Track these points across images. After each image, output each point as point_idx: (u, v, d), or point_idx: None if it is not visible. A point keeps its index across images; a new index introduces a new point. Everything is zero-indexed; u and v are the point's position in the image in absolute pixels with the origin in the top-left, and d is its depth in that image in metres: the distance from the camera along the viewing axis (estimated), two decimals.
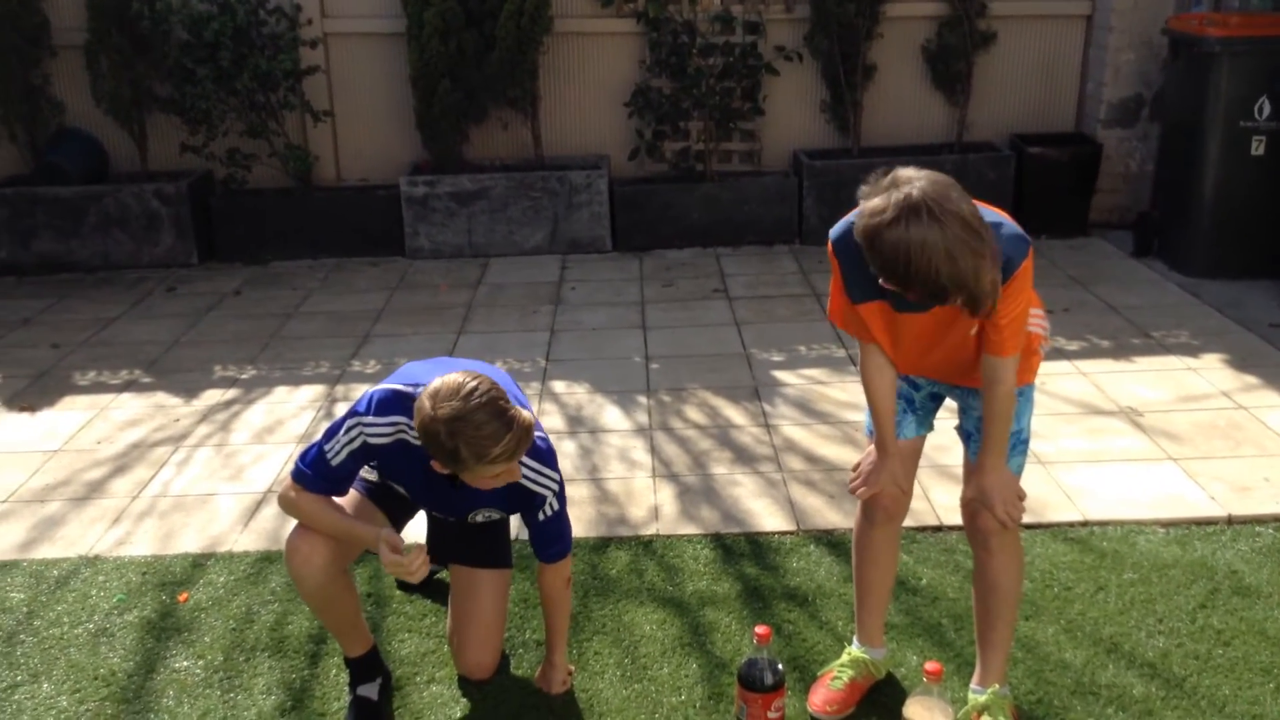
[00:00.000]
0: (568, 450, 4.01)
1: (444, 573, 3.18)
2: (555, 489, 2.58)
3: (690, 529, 3.50)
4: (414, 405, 2.34)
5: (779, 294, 5.66)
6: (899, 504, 2.64)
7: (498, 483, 2.41)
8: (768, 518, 3.55)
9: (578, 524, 3.50)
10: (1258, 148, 5.45)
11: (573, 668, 2.83)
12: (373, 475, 2.75)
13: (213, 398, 4.58)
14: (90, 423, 4.36)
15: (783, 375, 4.64)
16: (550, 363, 4.86)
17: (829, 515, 3.54)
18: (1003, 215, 2.26)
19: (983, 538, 2.52)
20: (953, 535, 3.39)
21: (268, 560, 3.37)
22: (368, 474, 2.74)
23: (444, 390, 2.28)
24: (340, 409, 4.28)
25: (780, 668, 2.52)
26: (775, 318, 5.33)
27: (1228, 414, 4.16)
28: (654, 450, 4.02)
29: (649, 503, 3.66)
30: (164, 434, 4.25)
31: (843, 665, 2.74)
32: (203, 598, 3.21)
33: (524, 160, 6.60)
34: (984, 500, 2.46)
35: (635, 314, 5.45)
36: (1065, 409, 4.24)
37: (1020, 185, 6.37)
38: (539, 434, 2.58)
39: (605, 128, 6.69)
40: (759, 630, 2.49)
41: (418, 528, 3.06)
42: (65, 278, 6.21)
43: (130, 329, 5.43)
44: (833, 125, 6.69)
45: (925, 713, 2.40)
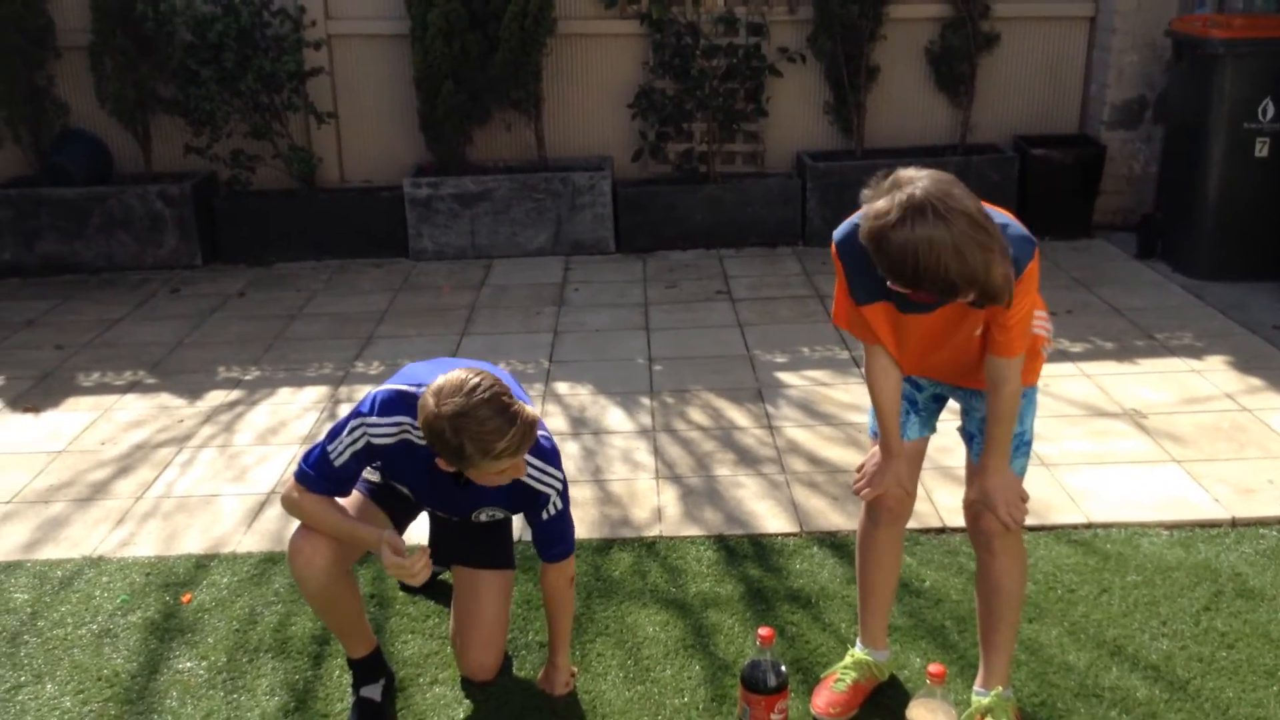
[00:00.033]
0: (571, 452, 4.01)
1: (447, 574, 3.18)
2: (559, 488, 2.58)
3: (693, 531, 3.50)
4: (417, 404, 2.35)
5: (782, 295, 5.66)
6: (903, 505, 2.64)
7: (503, 479, 2.41)
8: (771, 519, 3.55)
9: (581, 525, 3.50)
10: (1261, 149, 5.44)
11: (576, 669, 2.83)
12: (375, 476, 2.75)
13: (216, 399, 4.58)
14: (94, 424, 4.37)
15: (786, 377, 4.64)
16: (553, 364, 4.86)
17: (832, 517, 3.54)
18: (1008, 216, 2.26)
19: (985, 539, 2.52)
20: (956, 537, 3.39)
21: (271, 561, 3.37)
22: (370, 475, 2.75)
23: (448, 387, 2.29)
24: (344, 410, 4.28)
25: (783, 669, 2.52)
26: (778, 319, 5.33)
27: (1231, 416, 4.16)
28: (657, 452, 4.02)
29: (652, 504, 3.66)
30: (168, 435, 4.26)
31: (846, 667, 2.74)
32: (206, 599, 3.21)
33: (527, 162, 6.60)
34: (987, 502, 2.45)
35: (638, 315, 5.45)
36: (1069, 411, 4.24)
37: (1024, 187, 6.36)
38: (542, 433, 2.58)
39: (608, 129, 6.69)
40: (762, 632, 2.49)
41: (420, 529, 3.07)
42: (69, 279, 6.22)
43: (134, 330, 5.43)
44: (836, 127, 6.69)
45: (928, 715, 2.40)
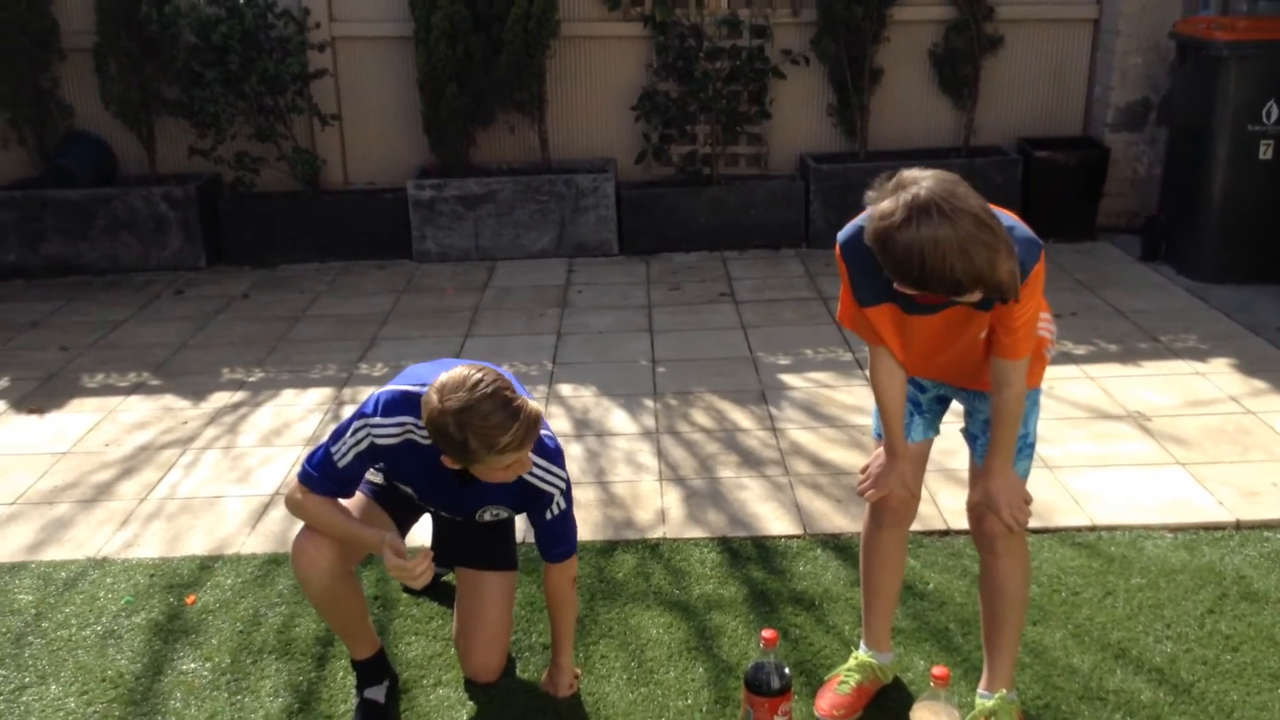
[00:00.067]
0: (574, 453, 4.01)
1: (450, 576, 3.18)
2: (562, 487, 2.59)
3: (697, 532, 3.50)
4: (420, 403, 2.35)
5: (785, 298, 5.66)
6: (908, 506, 2.64)
7: (508, 475, 2.41)
8: (774, 521, 3.54)
9: (584, 527, 3.50)
10: (1266, 151, 5.44)
11: (579, 671, 2.83)
12: (378, 478, 2.75)
13: (220, 400, 4.59)
14: (98, 425, 4.38)
15: (789, 379, 4.64)
16: (557, 366, 4.86)
17: (836, 519, 3.54)
18: (1014, 218, 2.26)
19: (989, 541, 2.52)
20: (960, 540, 3.39)
21: (275, 562, 3.37)
22: (373, 477, 2.75)
23: (450, 384, 2.30)
24: (347, 412, 4.28)
25: (787, 672, 2.52)
26: (782, 321, 5.33)
27: (1236, 419, 4.15)
28: (661, 453, 4.02)
29: (656, 506, 3.66)
30: (172, 436, 4.26)
31: (850, 669, 2.73)
32: (210, 600, 3.21)
33: (531, 164, 6.61)
34: (990, 504, 2.45)
35: (642, 317, 5.45)
36: (1073, 413, 4.24)
37: (1027, 189, 6.36)
38: (546, 433, 2.59)
39: (612, 131, 6.70)
40: (766, 634, 2.48)
41: (423, 531, 3.07)
42: (74, 280, 6.23)
43: (138, 332, 5.44)
44: (839, 129, 6.69)
45: (932, 717, 2.40)
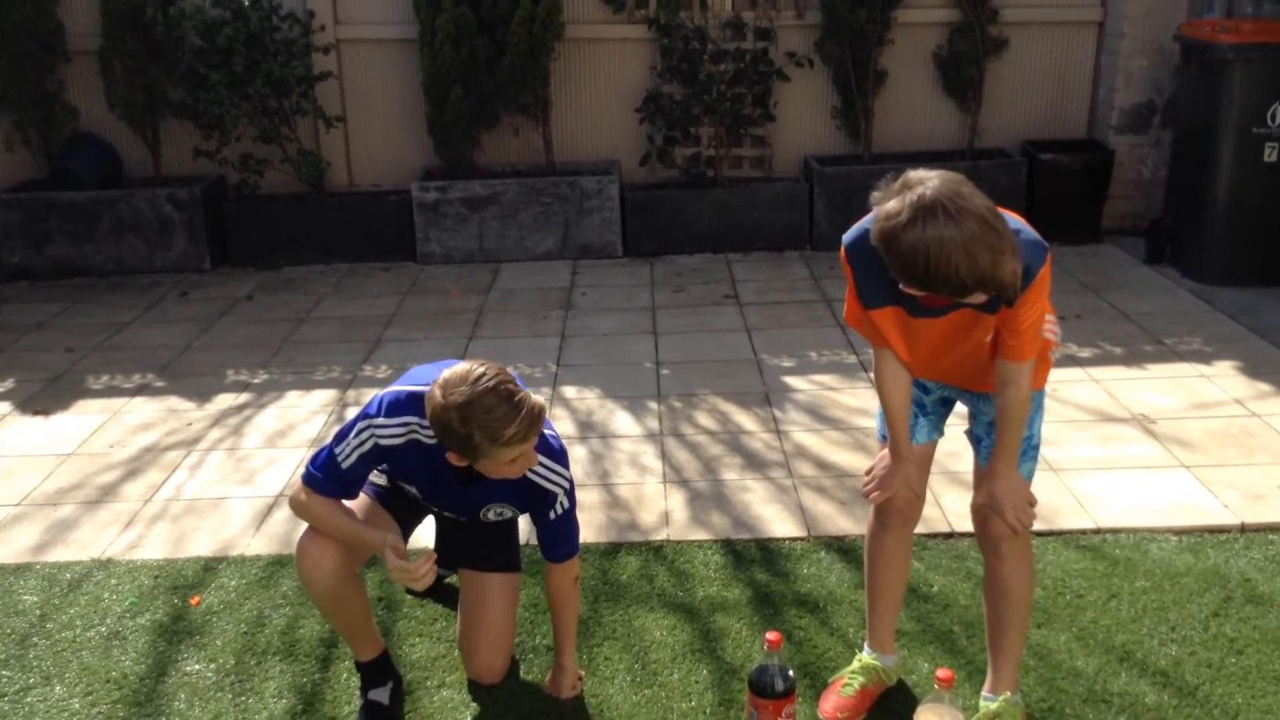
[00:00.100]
0: (578, 455, 4.01)
1: (454, 577, 3.18)
2: (566, 487, 2.59)
3: (701, 535, 3.50)
4: (424, 399, 2.36)
5: (790, 300, 5.66)
6: (913, 508, 2.64)
7: (514, 470, 2.41)
8: (778, 524, 3.54)
9: (588, 529, 3.50)
10: (1270, 154, 5.43)
11: (583, 673, 2.83)
12: (382, 480, 2.76)
13: (225, 402, 4.59)
14: (103, 426, 4.38)
15: (793, 381, 4.64)
16: (561, 368, 4.86)
17: (840, 521, 3.54)
18: (1020, 221, 2.25)
19: (993, 543, 2.52)
20: (964, 542, 3.38)
21: (279, 564, 3.38)
22: (377, 479, 2.76)
23: (453, 379, 2.31)
24: (352, 413, 4.27)
25: (791, 674, 2.52)
26: (786, 323, 5.33)
27: (1241, 421, 4.15)
28: (664, 456, 4.02)
29: (659, 508, 3.66)
30: (176, 438, 4.27)
31: (854, 672, 2.73)
32: (214, 601, 3.22)
33: (535, 166, 6.61)
34: (995, 506, 2.45)
35: (646, 319, 5.45)
36: (1077, 416, 4.23)
37: (1032, 192, 6.35)
38: (550, 433, 2.60)
39: (616, 133, 6.70)
40: (770, 636, 2.48)
41: (427, 533, 3.07)
42: (79, 282, 6.24)
43: (143, 333, 5.45)
44: (844, 131, 6.69)
45: None
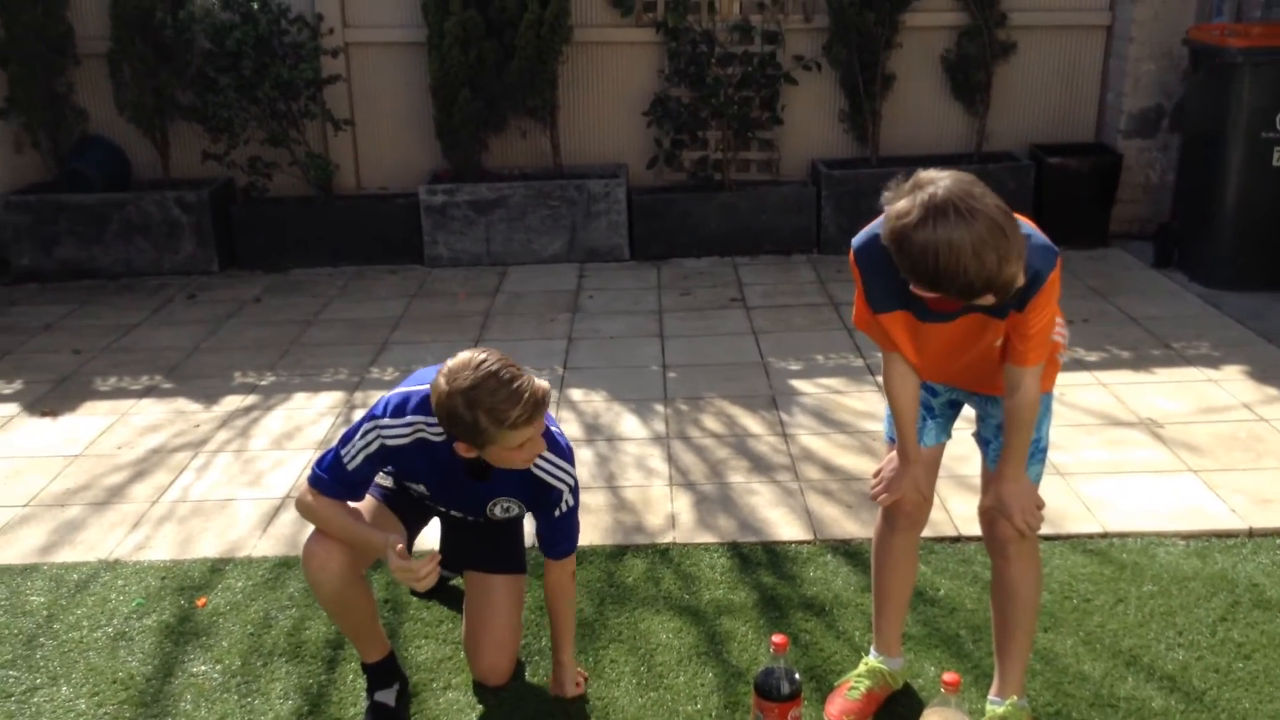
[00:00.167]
0: (585, 458, 4.01)
1: (459, 579, 3.18)
2: (571, 484, 2.60)
3: (707, 538, 3.49)
4: (429, 390, 2.38)
5: (797, 303, 5.66)
6: (920, 510, 2.64)
7: (522, 455, 2.42)
8: (785, 527, 3.54)
9: (594, 531, 3.51)
10: (1279, 158, 5.42)
11: (585, 673, 2.83)
12: (388, 481, 2.77)
13: (232, 404, 4.60)
14: (111, 428, 4.39)
15: (800, 384, 4.63)
16: (568, 371, 4.87)
17: (846, 525, 3.53)
18: (1031, 225, 2.25)
19: (1001, 546, 2.52)
20: (971, 546, 3.38)
21: (286, 565, 3.38)
22: (384, 480, 2.77)
23: (457, 365, 2.35)
24: (359, 415, 4.28)
25: (797, 677, 2.52)
26: (793, 327, 5.33)
27: (1248, 426, 4.13)
28: (671, 459, 4.02)
29: (666, 511, 3.66)
30: (184, 439, 4.28)
31: (860, 675, 2.73)
32: (221, 602, 3.22)
33: (542, 169, 6.62)
34: (1002, 509, 2.45)
35: (653, 323, 5.45)
36: (1085, 420, 4.22)
37: (1040, 195, 6.34)
38: (557, 430, 2.60)
39: (624, 137, 6.70)
40: (776, 639, 2.48)
41: (432, 536, 3.07)
42: (87, 284, 6.25)
43: (151, 335, 5.46)
44: (851, 135, 6.69)
45: None
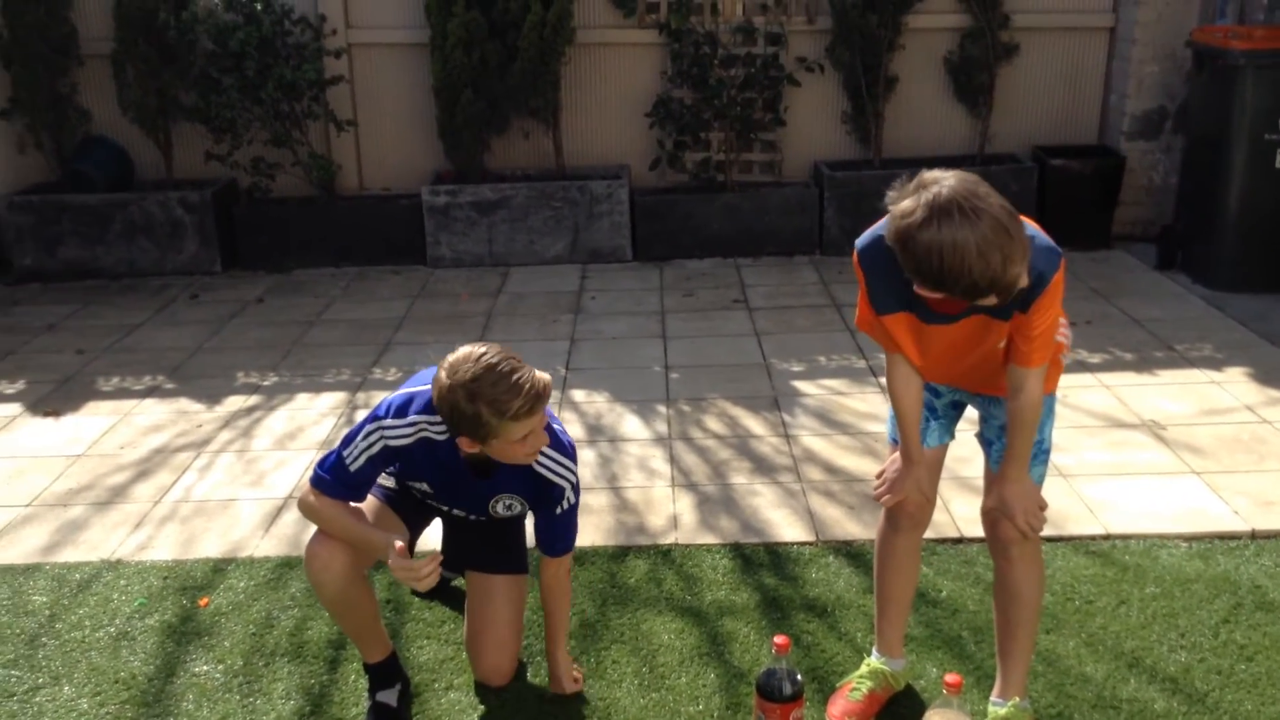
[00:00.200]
0: (587, 458, 4.01)
1: (460, 580, 3.19)
2: (573, 482, 2.60)
3: (709, 538, 3.49)
4: (431, 385, 2.38)
5: (799, 304, 5.66)
6: (924, 511, 2.64)
7: (525, 449, 2.42)
8: (787, 528, 3.54)
9: (596, 532, 3.51)
10: None
11: (581, 669, 2.84)
12: (390, 482, 2.77)
13: (235, 404, 4.60)
14: (113, 428, 4.39)
15: (802, 385, 4.63)
16: (570, 372, 4.87)
17: (848, 526, 3.53)
18: (1035, 227, 2.25)
19: (1003, 547, 2.51)
20: (973, 547, 3.37)
21: (288, 566, 3.38)
22: (386, 481, 2.77)
23: (457, 359, 2.36)
24: (361, 416, 4.28)
25: (799, 678, 2.52)
26: (795, 328, 5.33)
27: (1251, 428, 4.13)
28: (673, 459, 4.02)
29: (668, 512, 3.66)
30: (186, 440, 4.28)
31: (862, 676, 2.73)
32: (223, 602, 3.22)
33: (545, 170, 6.62)
34: (1005, 509, 2.45)
35: (655, 324, 5.45)
36: (1087, 422, 4.22)
37: (1043, 197, 6.34)
38: (559, 428, 2.61)
39: (626, 138, 6.71)
40: (778, 640, 2.48)
41: (434, 537, 3.07)
42: (90, 284, 6.26)
43: (154, 335, 5.47)
44: (854, 136, 6.69)
45: None
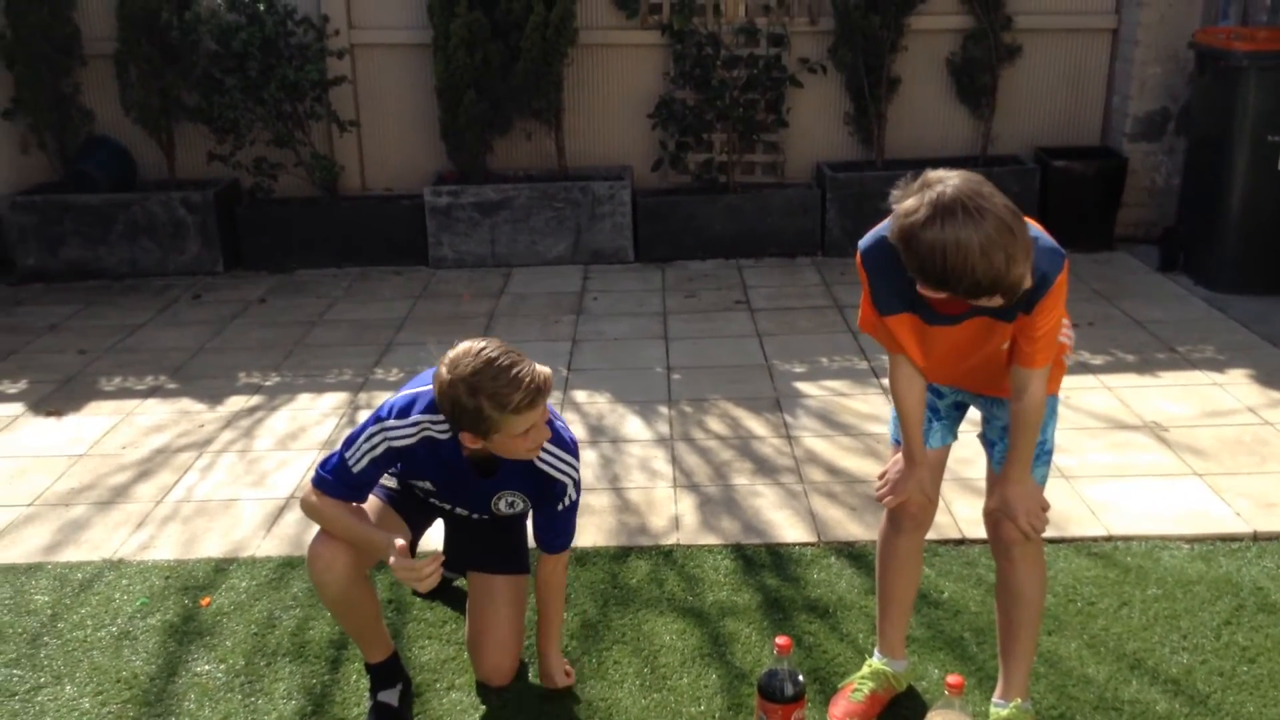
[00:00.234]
0: (589, 459, 4.01)
1: (462, 580, 3.19)
2: (575, 478, 2.61)
3: (711, 539, 3.49)
4: (432, 381, 2.39)
5: (801, 306, 5.66)
6: (926, 512, 2.64)
7: (528, 443, 2.43)
8: (789, 529, 3.54)
9: (598, 533, 3.51)
10: None
11: (570, 666, 2.85)
12: (393, 482, 2.77)
13: (237, 404, 4.61)
14: (115, 428, 4.40)
15: (804, 386, 4.63)
16: (572, 372, 4.87)
17: (850, 527, 3.53)
18: (1038, 228, 2.25)
19: (1005, 548, 2.51)
20: (975, 549, 3.37)
21: (289, 565, 3.38)
22: (388, 481, 2.77)
23: (457, 355, 2.39)
24: (363, 416, 4.28)
25: (800, 679, 2.52)
26: (797, 329, 5.32)
27: (1253, 429, 4.13)
28: (675, 460, 4.02)
29: (670, 513, 3.66)
30: (188, 439, 4.28)
31: (863, 677, 2.73)
32: (225, 602, 3.23)
33: (547, 171, 6.62)
34: (1007, 510, 2.45)
35: (657, 325, 5.45)
36: (1090, 423, 4.22)
37: (1045, 199, 6.33)
38: (562, 424, 2.61)
39: (629, 139, 6.71)
40: (779, 641, 2.48)
41: (436, 537, 3.07)
42: (93, 284, 6.26)
43: (156, 335, 5.47)
44: (856, 137, 6.68)
45: None
